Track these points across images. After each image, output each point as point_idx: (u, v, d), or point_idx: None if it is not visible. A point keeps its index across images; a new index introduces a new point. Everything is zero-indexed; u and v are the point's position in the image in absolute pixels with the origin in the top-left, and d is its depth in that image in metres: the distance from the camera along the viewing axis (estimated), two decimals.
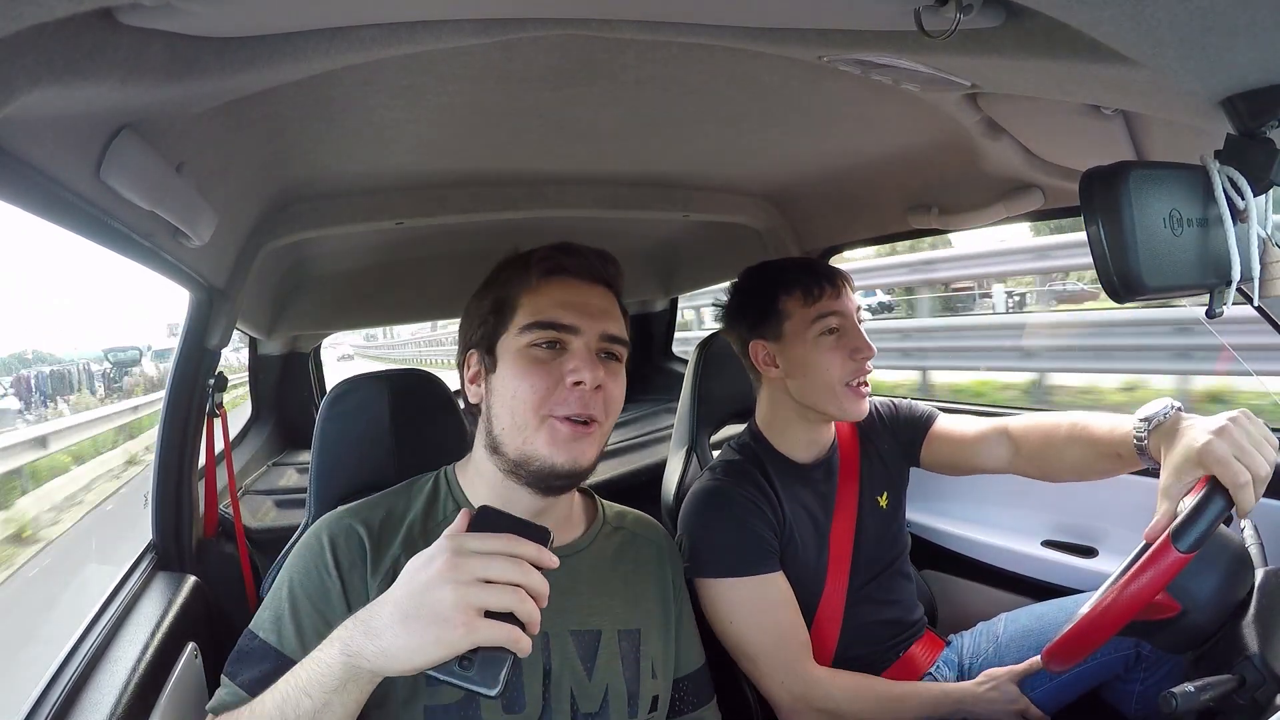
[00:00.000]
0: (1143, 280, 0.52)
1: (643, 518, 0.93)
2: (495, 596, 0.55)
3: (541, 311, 0.76)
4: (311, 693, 0.58)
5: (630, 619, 0.81)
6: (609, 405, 0.76)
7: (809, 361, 1.05)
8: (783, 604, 1.01)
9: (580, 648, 0.77)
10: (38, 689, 0.77)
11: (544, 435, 0.73)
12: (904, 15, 0.49)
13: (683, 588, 0.91)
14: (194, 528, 1.16)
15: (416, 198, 1.22)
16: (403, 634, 0.55)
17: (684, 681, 0.87)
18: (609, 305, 0.80)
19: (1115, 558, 1.26)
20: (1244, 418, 0.76)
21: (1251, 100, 0.51)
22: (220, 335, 1.12)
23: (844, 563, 1.08)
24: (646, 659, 0.81)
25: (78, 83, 0.46)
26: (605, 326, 0.77)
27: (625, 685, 0.78)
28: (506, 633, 0.54)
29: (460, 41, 0.59)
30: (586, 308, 0.77)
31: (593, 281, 0.80)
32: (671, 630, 0.86)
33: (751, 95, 0.89)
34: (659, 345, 2.59)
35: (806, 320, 1.05)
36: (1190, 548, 0.70)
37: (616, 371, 0.78)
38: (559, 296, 0.77)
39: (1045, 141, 0.97)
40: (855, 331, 1.05)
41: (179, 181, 0.73)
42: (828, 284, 1.06)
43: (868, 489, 1.14)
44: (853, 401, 1.05)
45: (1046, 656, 0.82)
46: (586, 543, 0.84)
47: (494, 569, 0.55)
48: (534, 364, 0.74)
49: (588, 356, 0.74)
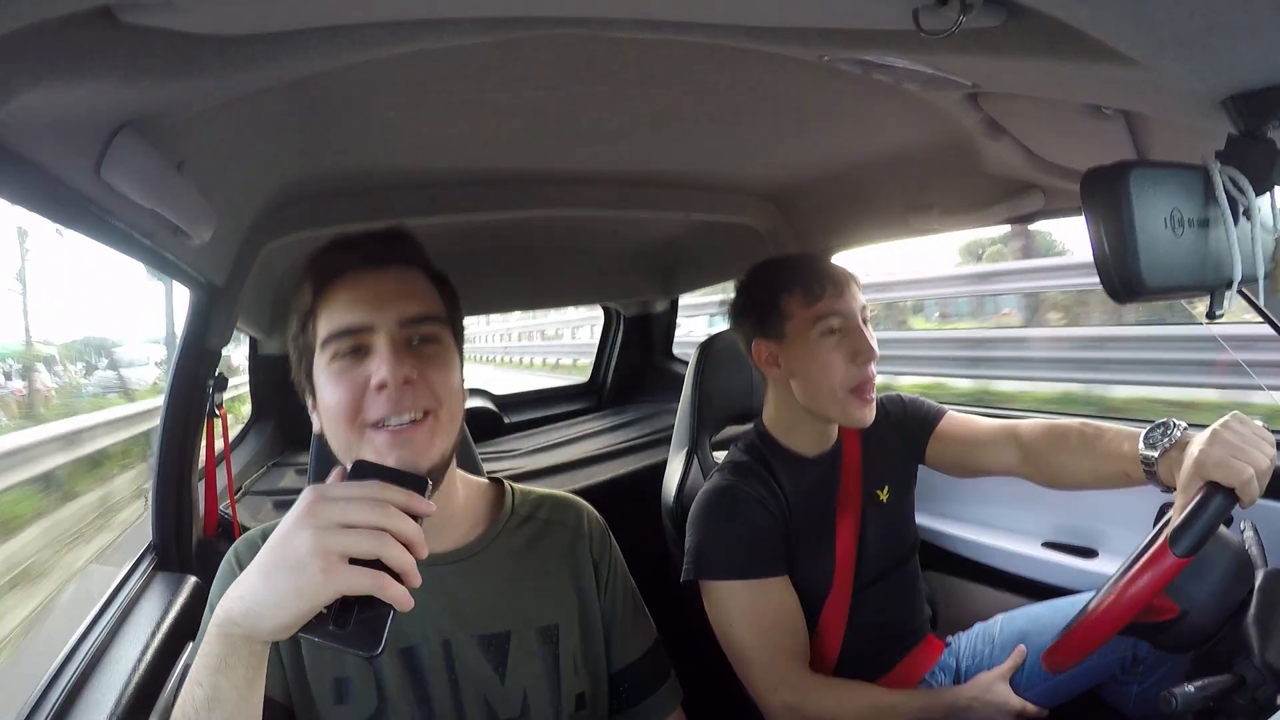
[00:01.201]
0: (1143, 281, 0.52)
1: (562, 501, 0.86)
2: (355, 540, 0.51)
3: (331, 321, 0.70)
4: (201, 680, 0.55)
5: (543, 615, 0.77)
6: (439, 391, 0.69)
7: (810, 363, 1.03)
8: (785, 610, 1.01)
9: (488, 652, 0.73)
10: (38, 689, 0.77)
11: (368, 449, 0.67)
12: (904, 15, 0.49)
13: (613, 570, 0.84)
14: (194, 528, 1.16)
15: (416, 197, 1.21)
16: (263, 588, 0.52)
17: (626, 673, 0.82)
18: (406, 285, 0.72)
19: (1115, 559, 1.27)
20: (1234, 420, 0.77)
21: (1252, 100, 0.51)
22: (221, 334, 1.12)
23: (849, 559, 1.08)
24: (566, 655, 0.76)
25: (78, 81, 0.46)
26: (403, 310, 0.69)
27: (545, 684, 0.75)
28: (372, 579, 0.51)
29: (461, 41, 0.59)
30: (376, 299, 0.70)
31: (377, 266, 0.72)
32: (597, 620, 0.81)
33: (752, 95, 0.89)
34: (659, 346, 2.59)
35: (808, 321, 1.03)
36: (1187, 551, 0.70)
37: (435, 355, 0.71)
38: (346, 297, 0.70)
39: (1046, 141, 0.97)
40: (858, 333, 1.03)
41: (179, 180, 0.73)
42: (830, 283, 1.04)
43: (870, 483, 1.13)
44: (857, 408, 1.03)
45: (1047, 657, 0.82)
46: (487, 541, 0.78)
47: (353, 513, 0.52)
48: (338, 376, 0.69)
49: (389, 352, 0.67)
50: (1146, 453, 0.84)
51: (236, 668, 0.54)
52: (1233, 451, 0.72)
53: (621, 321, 2.58)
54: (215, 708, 0.54)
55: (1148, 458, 0.84)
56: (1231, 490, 0.71)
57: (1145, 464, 0.85)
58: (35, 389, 8.34)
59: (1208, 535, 0.71)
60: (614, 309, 2.58)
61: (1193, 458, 0.75)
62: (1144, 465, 0.85)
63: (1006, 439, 1.07)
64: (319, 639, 0.52)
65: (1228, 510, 0.71)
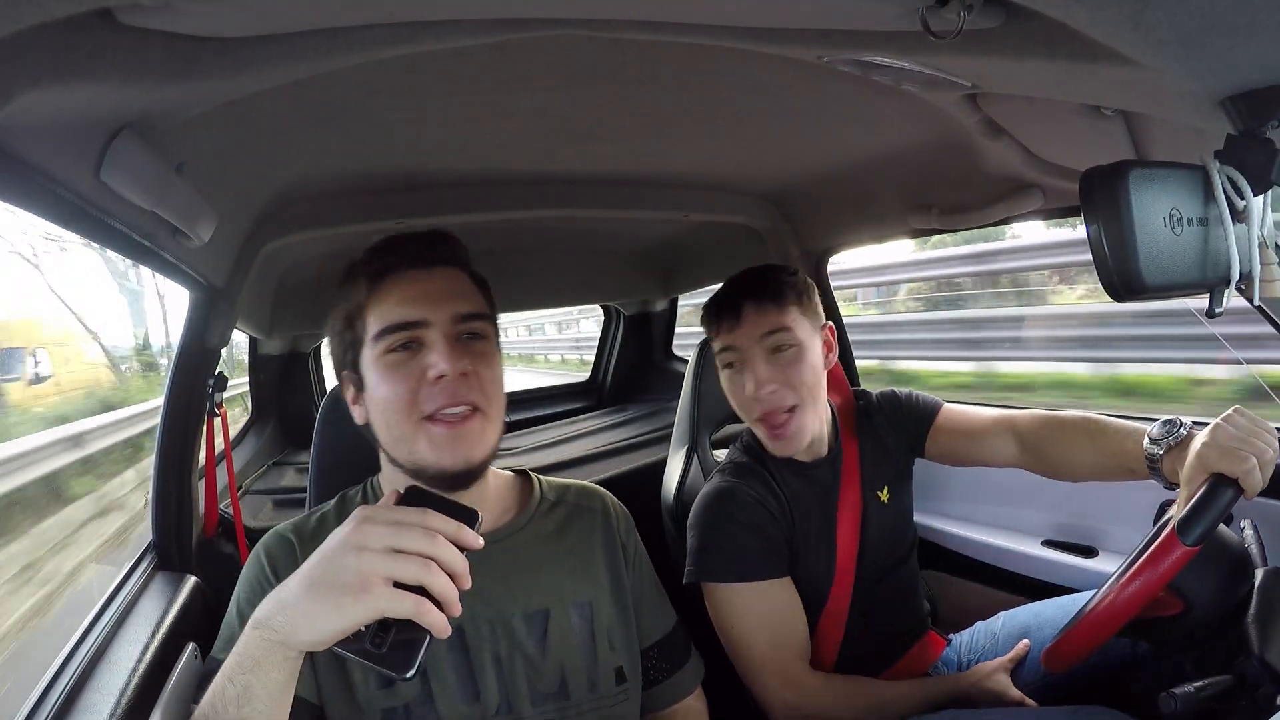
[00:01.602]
0: (1143, 279, 0.52)
1: (585, 488, 0.91)
2: (402, 566, 0.52)
3: (386, 316, 0.73)
4: (234, 677, 0.56)
5: (580, 592, 0.80)
6: (486, 388, 0.73)
7: (728, 393, 1.07)
8: (787, 611, 1.01)
9: (529, 629, 0.76)
10: (37, 689, 0.77)
11: (424, 441, 0.71)
12: (904, 16, 0.49)
13: (637, 552, 0.89)
14: (194, 528, 1.16)
15: (416, 198, 1.21)
16: (305, 601, 0.53)
17: (652, 650, 0.87)
18: (455, 285, 0.76)
19: (1115, 558, 1.27)
20: (1235, 414, 0.78)
21: (1251, 100, 0.51)
22: (220, 335, 1.12)
23: (850, 561, 1.08)
24: (602, 631, 0.80)
25: (78, 83, 0.46)
26: (456, 307, 0.74)
27: (582, 660, 0.77)
28: (413, 604, 0.52)
29: (460, 42, 0.59)
30: (429, 296, 0.73)
31: (428, 266, 0.76)
32: (627, 597, 0.84)
33: (751, 95, 0.89)
34: (659, 345, 2.59)
35: (718, 351, 1.07)
36: (1196, 540, 0.70)
37: (484, 351, 0.75)
38: (399, 294, 0.74)
39: (1045, 141, 0.97)
40: (753, 363, 1.01)
41: (179, 181, 0.73)
42: (728, 315, 1.03)
43: (869, 484, 1.13)
44: (769, 440, 1.05)
45: (1048, 655, 0.82)
46: (523, 522, 0.83)
47: (403, 539, 0.53)
48: (394, 369, 0.72)
49: (445, 346, 0.71)
50: (1151, 449, 0.85)
51: (269, 670, 0.55)
52: (1234, 443, 0.74)
53: (621, 320, 2.58)
54: (245, 705, 0.55)
55: (1152, 454, 0.85)
56: (1235, 480, 0.72)
57: (1150, 460, 0.85)
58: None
59: (1215, 524, 0.71)
60: (614, 308, 2.58)
61: (1195, 451, 0.76)
62: (1148, 461, 0.85)
63: (1004, 431, 1.07)
64: (354, 655, 0.53)
65: (1233, 500, 0.72)
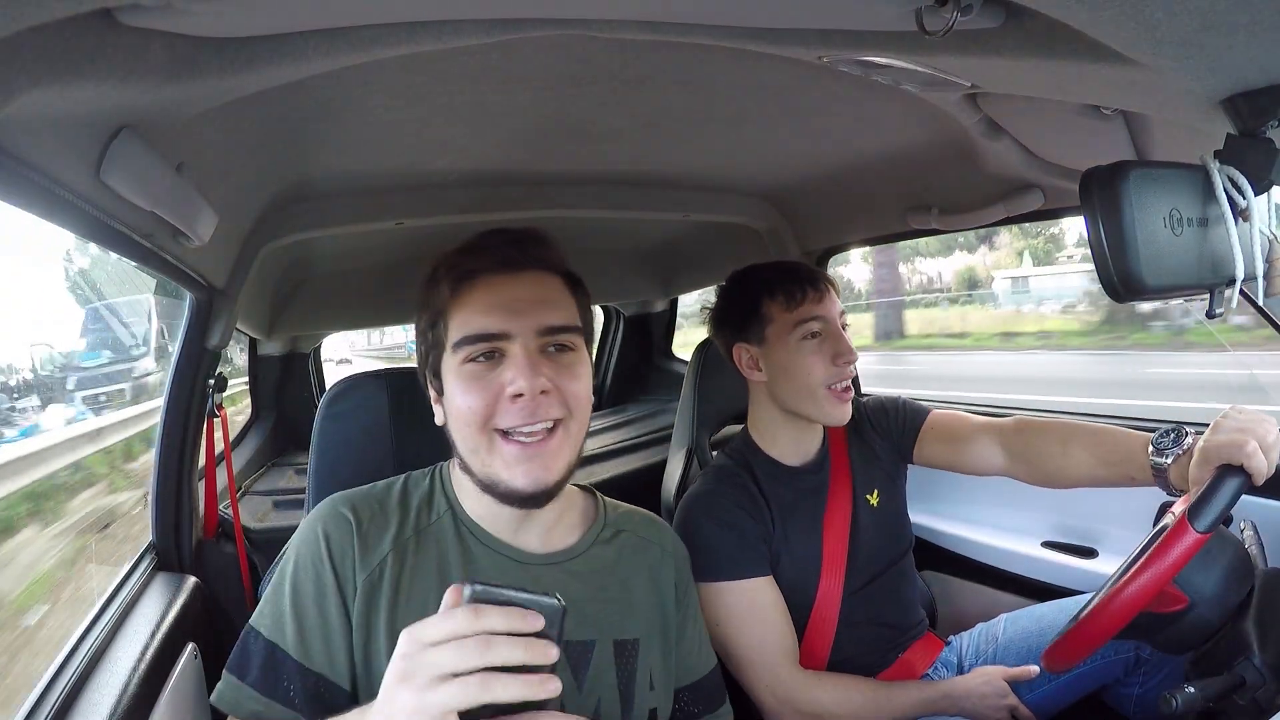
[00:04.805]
0: (1143, 280, 0.52)
1: (649, 519, 0.87)
2: (458, 692, 0.47)
3: (467, 324, 0.70)
4: None
5: (627, 628, 0.76)
6: (571, 401, 0.70)
7: (790, 365, 1.06)
8: (770, 608, 1.02)
9: (571, 659, 0.72)
10: (37, 689, 0.77)
11: (498, 459, 0.68)
12: (904, 16, 0.49)
13: (691, 591, 0.86)
14: (194, 528, 1.16)
15: (416, 198, 1.21)
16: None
17: (685, 691, 0.82)
18: (544, 292, 0.72)
19: (1115, 559, 1.26)
20: (1233, 410, 0.79)
21: (1251, 100, 0.51)
22: (220, 335, 1.12)
23: (838, 564, 1.08)
24: (644, 670, 0.76)
25: (77, 83, 0.46)
26: (541, 319, 0.70)
27: (619, 697, 0.74)
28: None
29: (460, 42, 0.59)
30: (514, 305, 0.69)
31: (515, 271, 0.72)
32: (672, 637, 0.81)
33: (751, 95, 0.89)
34: (659, 345, 2.59)
35: (788, 325, 1.06)
36: (1208, 527, 0.71)
37: (570, 364, 0.71)
38: (482, 302, 0.70)
39: (1045, 141, 0.97)
40: (838, 336, 1.06)
41: (179, 181, 0.72)
42: (810, 288, 1.07)
43: (859, 488, 1.14)
44: (834, 405, 1.06)
45: (1051, 653, 0.82)
46: (583, 548, 0.79)
47: (451, 659, 0.48)
48: (472, 380, 0.69)
49: (525, 363, 0.68)
50: (1157, 460, 0.85)
51: None
52: (1234, 432, 0.75)
53: (621, 321, 2.58)
54: None
55: (1158, 465, 0.85)
56: (1241, 467, 0.72)
57: (1156, 470, 0.86)
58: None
59: (1226, 510, 0.72)
60: (613, 308, 2.58)
61: (1199, 449, 0.77)
62: (1154, 471, 0.86)
63: (989, 438, 1.08)
64: None
65: (1243, 487, 0.72)
